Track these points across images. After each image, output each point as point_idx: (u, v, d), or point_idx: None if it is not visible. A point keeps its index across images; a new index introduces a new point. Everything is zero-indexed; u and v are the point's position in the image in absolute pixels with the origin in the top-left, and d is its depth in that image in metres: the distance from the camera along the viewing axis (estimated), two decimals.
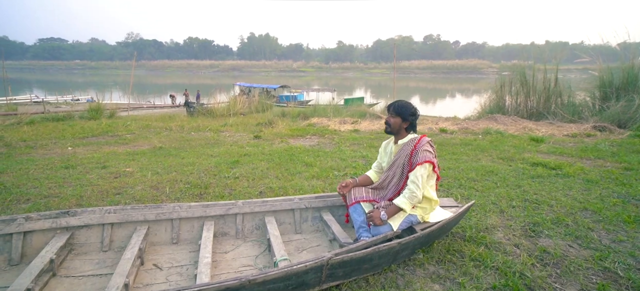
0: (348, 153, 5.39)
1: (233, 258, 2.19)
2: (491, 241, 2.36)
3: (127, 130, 9.01)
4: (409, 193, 2.06)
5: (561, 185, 3.61)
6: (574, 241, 2.40)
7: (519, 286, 1.87)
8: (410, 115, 2.22)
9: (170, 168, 4.39)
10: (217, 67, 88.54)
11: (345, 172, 4.17)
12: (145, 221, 2.28)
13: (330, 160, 4.84)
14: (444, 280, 1.97)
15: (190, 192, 3.44)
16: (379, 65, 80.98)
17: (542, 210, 2.91)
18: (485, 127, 8.59)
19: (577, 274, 2.01)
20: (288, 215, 2.55)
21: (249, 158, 4.97)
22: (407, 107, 2.22)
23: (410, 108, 2.23)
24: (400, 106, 2.23)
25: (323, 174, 4.06)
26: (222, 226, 2.43)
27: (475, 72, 68.25)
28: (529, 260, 2.13)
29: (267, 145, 6.28)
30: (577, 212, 2.87)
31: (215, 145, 6.55)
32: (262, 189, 3.51)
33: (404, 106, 2.23)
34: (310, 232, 2.55)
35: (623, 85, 9.76)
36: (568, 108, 10.00)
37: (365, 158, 4.96)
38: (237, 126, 9.85)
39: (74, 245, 2.15)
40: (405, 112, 2.21)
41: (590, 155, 5.09)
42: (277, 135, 7.68)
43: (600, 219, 2.74)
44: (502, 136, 7.29)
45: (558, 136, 7.38)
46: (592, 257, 2.19)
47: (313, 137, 7.47)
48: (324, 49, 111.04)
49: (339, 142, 6.54)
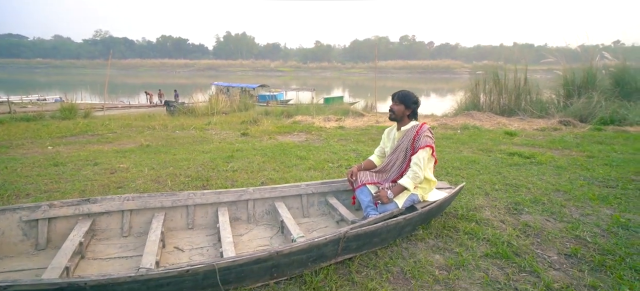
0: (338, 147, 5.60)
1: (249, 239, 2.34)
2: (480, 218, 2.64)
3: (107, 129, 8.78)
4: (412, 174, 2.29)
5: (535, 171, 3.99)
6: (550, 216, 2.73)
7: (508, 253, 2.15)
8: (413, 103, 2.45)
9: (165, 164, 4.42)
10: (193, 66, 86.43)
11: (339, 164, 4.38)
12: (162, 208, 2.37)
13: (322, 153, 5.03)
14: (443, 250, 2.21)
15: (192, 184, 3.52)
16: (357, 65, 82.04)
17: (521, 192, 3.25)
18: (462, 122, 9.08)
19: (554, 241, 2.32)
20: (296, 200, 2.72)
21: (242, 154, 5.07)
22: (410, 96, 2.46)
23: (413, 97, 2.47)
24: (404, 95, 2.45)
25: (318, 166, 4.25)
26: (235, 212, 2.56)
27: (448, 72, 70.55)
28: (514, 232, 2.42)
29: (256, 142, 6.38)
30: (551, 193, 3.23)
31: (204, 142, 6.57)
32: (263, 180, 3.65)
33: (407, 95, 2.46)
34: (317, 216, 2.73)
35: (583, 84, 10.61)
36: (536, 105, 10.74)
37: (356, 151, 5.19)
38: (221, 124, 9.83)
39: (95, 231, 2.21)
40: (408, 100, 2.44)
41: (558, 146, 5.58)
42: (264, 133, 7.78)
43: (570, 198, 3.10)
44: (479, 131, 7.76)
45: (529, 130, 7.95)
46: (565, 228, 2.52)
47: (300, 134, 7.64)
48: (302, 49, 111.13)
49: (327, 138, 6.74)
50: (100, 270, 1.91)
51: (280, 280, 1.83)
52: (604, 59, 11.57)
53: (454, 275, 1.94)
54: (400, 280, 1.91)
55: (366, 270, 2.00)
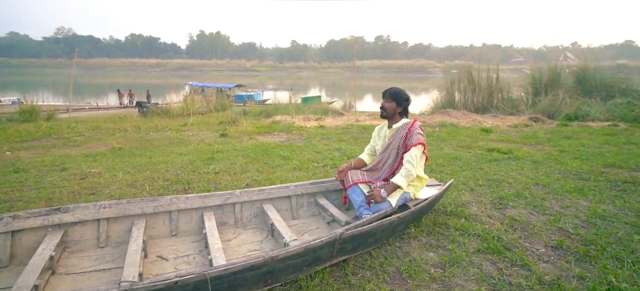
0: (321, 147, 5.54)
1: (238, 244, 2.23)
2: (469, 214, 2.68)
3: (74, 132, 8.26)
4: (405, 172, 2.27)
5: (514, 166, 4.12)
6: (533, 209, 2.81)
7: (498, 248, 2.17)
8: (404, 101, 2.43)
9: (141, 167, 4.19)
10: (165, 66, 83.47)
11: (324, 164, 4.32)
12: (142, 215, 2.22)
13: (306, 153, 4.96)
14: (436, 248, 2.21)
15: (172, 188, 3.35)
16: (333, 65, 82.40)
17: (504, 187, 3.33)
18: (440, 120, 9.29)
19: (540, 234, 2.38)
20: (284, 201, 2.63)
21: (223, 155, 4.91)
22: (401, 94, 2.44)
23: (404, 94, 2.45)
24: (395, 92, 2.43)
25: (303, 166, 4.17)
26: (221, 216, 2.44)
27: (422, 71, 72.29)
28: (502, 227, 2.47)
29: (236, 143, 6.21)
30: (531, 187, 3.33)
31: (181, 144, 6.32)
32: (248, 182, 3.53)
33: (398, 92, 2.44)
34: (307, 217, 2.66)
35: (550, 82, 11.18)
36: (508, 102, 11.19)
37: (339, 150, 5.16)
38: (198, 125, 9.52)
39: (68, 243, 2.02)
40: (399, 97, 2.42)
41: (531, 141, 5.82)
42: (244, 133, 7.60)
43: (550, 191, 3.21)
44: (456, 128, 7.96)
45: (502, 127, 8.25)
46: (548, 221, 2.59)
47: (281, 134, 7.52)
48: (278, 48, 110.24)
49: (309, 137, 6.68)
50: (75, 286, 1.75)
51: (274, 286, 1.75)
52: (567, 59, 12.26)
53: (450, 273, 1.93)
54: (397, 280, 1.88)
55: (362, 271, 1.96)
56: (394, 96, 2.42)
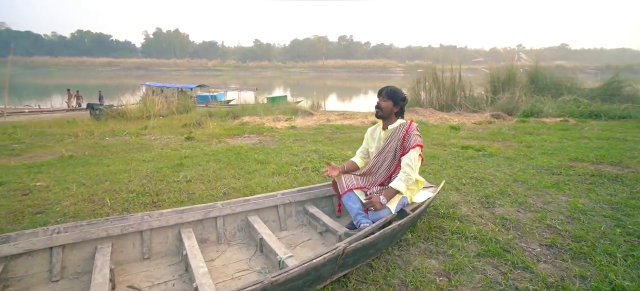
0: (296, 149, 5.34)
1: (223, 264, 1.98)
2: (461, 215, 2.63)
3: (11, 139, 7.31)
4: (405, 176, 2.15)
5: (490, 163, 4.20)
6: (519, 207, 2.83)
7: (497, 250, 2.13)
8: (402, 100, 2.31)
9: (99, 178, 3.73)
10: (118, 65, 78.00)
11: (303, 167, 4.13)
12: (108, 238, 1.89)
13: (282, 156, 4.73)
14: (436, 254, 2.12)
15: (139, 201, 2.98)
16: (297, 64, 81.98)
17: (487, 185, 3.36)
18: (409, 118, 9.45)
19: (532, 233, 2.38)
20: (271, 212, 2.41)
21: (192, 160, 4.54)
22: (398, 92, 2.31)
23: (401, 93, 2.33)
24: (392, 91, 2.30)
25: (282, 170, 3.95)
26: (201, 233, 2.17)
27: (385, 71, 74.18)
28: (495, 227, 2.44)
29: (205, 146, 5.82)
30: (512, 184, 3.39)
31: (142, 149, 5.79)
32: (225, 190, 3.25)
33: (395, 91, 2.31)
34: (296, 227, 2.46)
35: (507, 81, 11.86)
36: (470, 100, 11.69)
37: (317, 152, 4.99)
38: (160, 128, 8.87)
39: (9, 281, 1.65)
40: (397, 96, 2.30)
41: (498, 138, 6.04)
42: (212, 136, 7.17)
43: (529, 187, 3.28)
44: (426, 126, 8.11)
45: (468, 124, 8.55)
46: (536, 218, 2.62)
47: (252, 136, 7.20)
48: (241, 48, 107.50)
49: (281, 139, 6.44)
50: None
51: None
52: (521, 59, 13.11)
53: (456, 281, 1.84)
54: None
55: (365, 286, 1.80)
56: (391, 95, 2.29)
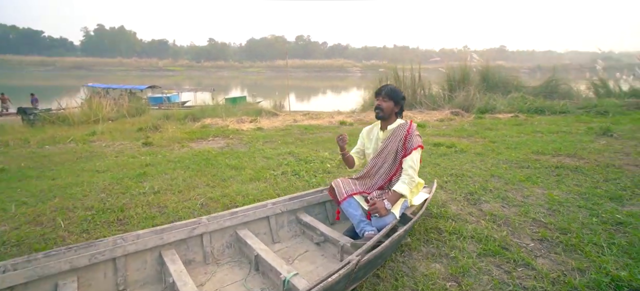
0: (269, 151, 5.10)
1: (216, 289, 1.74)
2: (453, 214, 2.62)
3: None
4: (408, 179, 2.07)
5: (463, 159, 4.33)
6: (503, 202, 2.91)
7: (496, 248, 2.13)
8: (402, 99, 2.23)
9: (44, 194, 3.22)
10: (52, 64, 70.46)
11: (281, 170, 3.92)
12: (72, 271, 1.56)
13: (257, 160, 4.48)
14: (440, 257, 2.06)
15: (101, 220, 2.59)
16: (255, 64, 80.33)
17: (468, 181, 3.42)
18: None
19: (523, 228, 2.43)
20: (262, 224, 2.20)
21: (156, 169, 4.12)
22: (398, 91, 2.22)
23: (400, 92, 2.24)
24: (392, 90, 2.21)
25: (260, 176, 3.72)
26: (185, 253, 1.90)
27: (342, 70, 75.36)
28: (487, 225, 2.46)
29: (167, 152, 5.35)
30: (490, 179, 3.50)
31: (93, 158, 5.18)
32: (202, 201, 2.95)
33: (395, 90, 2.21)
34: (290, 239, 2.27)
35: (462, 80, 12.54)
36: (429, 98, 12.18)
37: (293, 154, 4.80)
38: (111, 134, 8.06)
39: None
40: (397, 96, 2.20)
41: (463, 134, 6.30)
42: (173, 140, 6.65)
43: (506, 182, 3.40)
44: None
45: (432, 121, 8.86)
46: (520, 212, 2.69)
47: (217, 139, 6.80)
48: (194, 47, 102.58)
49: (250, 142, 6.15)
50: None
51: None
52: (473, 59, 13.94)
53: (466, 285, 1.79)
54: None
55: None
56: (391, 94, 2.20)
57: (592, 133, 5.88)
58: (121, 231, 2.38)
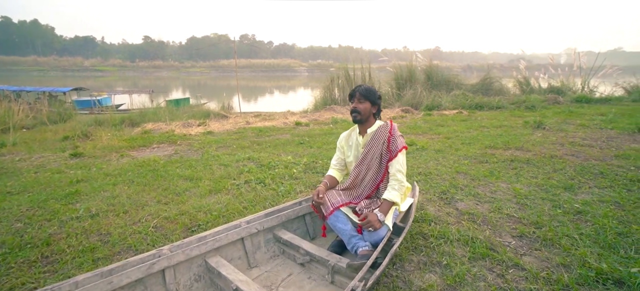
0: (225, 158, 4.68)
1: None
2: (433, 216, 2.56)
3: None
4: (398, 185, 1.91)
5: (426, 157, 4.38)
6: (474, 199, 2.93)
7: (484, 251, 2.09)
8: (378, 99, 2.06)
9: None
10: None
11: (244, 179, 3.58)
12: None
13: (213, 169, 4.06)
14: (432, 266, 1.95)
15: (17, 260, 2.04)
16: (197, 64, 76.25)
17: (436, 180, 3.42)
18: (330, 117, 9.51)
19: (501, 226, 2.44)
20: (236, 247, 1.89)
21: (91, 185, 3.51)
22: (373, 91, 2.05)
23: (376, 91, 2.08)
24: (367, 90, 2.03)
25: (220, 187, 3.33)
26: None
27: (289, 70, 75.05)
28: (469, 225, 2.43)
29: (103, 164, 4.63)
30: (456, 176, 3.54)
31: (3, 176, 4.28)
32: (155, 222, 2.51)
33: (369, 89, 2.04)
34: (268, 261, 1.98)
35: (409, 78, 13.11)
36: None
37: (253, 160, 4.45)
38: (27, 145, 6.84)
39: None
40: (373, 95, 2.03)
41: (418, 131, 6.48)
42: (108, 149, 5.83)
43: (472, 178, 3.48)
44: (349, 124, 8.25)
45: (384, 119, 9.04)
46: (493, 209, 2.73)
47: (163, 146, 6.13)
48: (127, 45, 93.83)
49: (202, 148, 5.63)
50: None
51: None
52: (418, 58, 14.66)
53: None
54: None
55: None
56: (367, 95, 2.02)
57: (529, 127, 6.42)
58: (49, 274, 1.89)
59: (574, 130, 6.01)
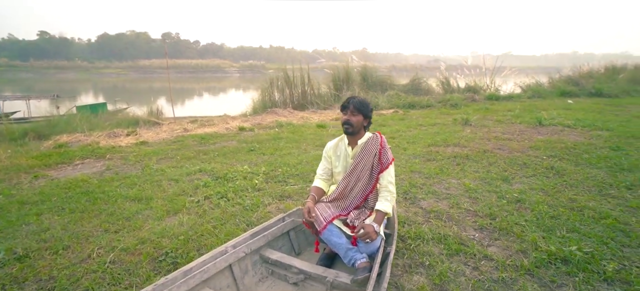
0: (172, 171, 4.28)
1: None
2: (403, 217, 2.69)
3: None
4: (391, 196, 1.96)
5: None
6: (434, 197, 3.16)
7: (456, 246, 2.28)
8: (371, 111, 2.08)
9: None
10: None
11: (204, 195, 3.30)
12: None
13: (163, 185, 3.67)
14: (417, 268, 2.05)
15: None
16: (112, 64, 68.19)
17: (396, 180, 3.60)
18: (273, 120, 9.35)
19: (464, 221, 2.68)
20: (224, 276, 1.73)
21: (4, 218, 2.89)
22: (367, 103, 2.07)
23: (369, 103, 2.10)
24: (361, 103, 2.03)
25: (178, 206, 3.03)
26: None
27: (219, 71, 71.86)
28: (438, 223, 2.61)
29: (11, 189, 3.83)
30: (412, 175, 3.78)
31: None
32: (111, 256, 2.17)
33: (363, 102, 2.05)
34: (257, 284, 1.86)
35: (345, 79, 13.59)
36: (320, 98, 12.73)
37: (207, 172, 4.14)
38: None
39: None
40: (366, 108, 2.04)
41: None
42: (14, 170, 4.87)
43: (427, 176, 3.75)
44: (294, 126, 8.23)
45: (328, 121, 9.22)
46: (452, 204, 2.98)
47: (88, 161, 5.35)
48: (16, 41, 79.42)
49: (139, 161, 5.06)
50: None
51: None
52: (353, 60, 15.28)
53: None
54: None
55: None
56: (361, 108, 2.03)
57: (458, 124, 7.17)
58: None
59: (494, 125, 6.90)
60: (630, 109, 8.95)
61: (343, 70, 13.72)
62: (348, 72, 13.62)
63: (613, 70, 16.51)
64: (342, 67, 13.83)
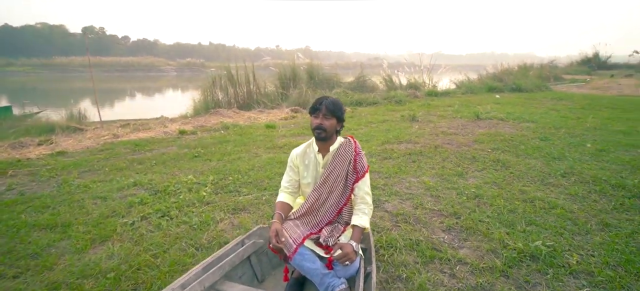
0: (99, 187, 3.62)
1: None
2: (372, 224, 2.52)
3: None
4: (369, 209, 1.73)
5: None
6: (397, 198, 3.07)
7: (430, 252, 2.17)
8: (343, 114, 1.82)
9: None
10: None
11: (141, 214, 2.79)
12: None
13: (86, 205, 3.04)
14: (394, 281, 1.89)
15: None
16: (17, 61, 58.93)
17: None
18: (218, 121, 8.74)
19: (431, 223, 2.60)
20: None
21: None
22: (340, 105, 1.81)
23: (342, 105, 1.84)
24: (334, 104, 1.76)
25: (106, 231, 2.50)
26: None
27: (153, 69, 66.61)
28: (406, 227, 2.49)
29: None
30: (372, 175, 3.66)
31: None
32: None
33: (337, 104, 1.78)
34: None
35: (292, 78, 13.32)
36: (266, 97, 12.27)
37: (141, 185, 3.57)
38: None
39: None
40: (340, 111, 1.79)
41: None
42: None
43: (386, 176, 3.66)
44: (241, 128, 7.75)
45: (277, 121, 8.88)
46: (415, 205, 2.91)
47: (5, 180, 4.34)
48: None
49: (54, 176, 4.23)
50: None
51: None
52: (299, 58, 15.04)
53: None
54: None
55: None
56: (335, 110, 1.77)
57: (406, 120, 7.35)
58: None
59: (438, 120, 7.19)
60: (545, 103, 10.10)
61: (289, 68, 13.42)
62: (294, 70, 13.35)
63: (525, 67, 18.95)
64: (289, 65, 13.52)
